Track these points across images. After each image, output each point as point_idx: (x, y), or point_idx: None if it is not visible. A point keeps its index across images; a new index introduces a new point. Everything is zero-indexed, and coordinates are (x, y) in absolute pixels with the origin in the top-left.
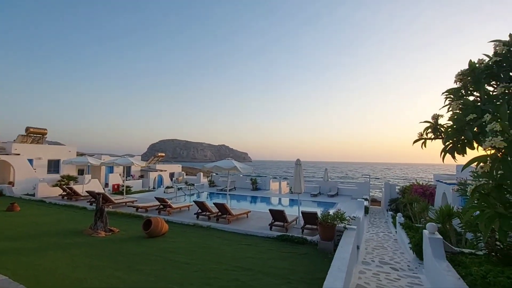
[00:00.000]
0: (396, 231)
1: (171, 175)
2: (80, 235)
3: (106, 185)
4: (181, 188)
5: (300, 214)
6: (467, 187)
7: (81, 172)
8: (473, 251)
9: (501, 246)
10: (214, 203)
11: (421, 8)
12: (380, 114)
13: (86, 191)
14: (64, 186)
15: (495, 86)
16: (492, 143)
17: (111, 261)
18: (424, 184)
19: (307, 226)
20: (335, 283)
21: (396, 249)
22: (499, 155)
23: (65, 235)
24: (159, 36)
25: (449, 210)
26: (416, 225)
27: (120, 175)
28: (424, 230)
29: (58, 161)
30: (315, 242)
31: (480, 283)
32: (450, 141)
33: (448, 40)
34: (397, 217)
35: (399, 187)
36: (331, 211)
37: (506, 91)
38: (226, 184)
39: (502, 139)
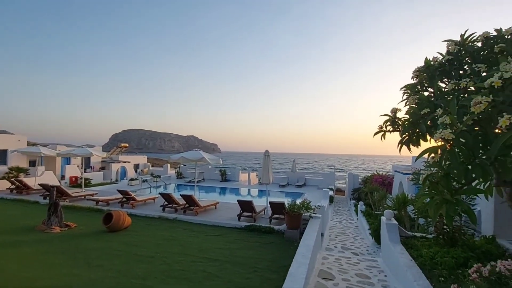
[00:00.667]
0: (357, 219)
1: (136, 166)
2: (32, 232)
3: (63, 177)
4: (146, 180)
5: (268, 204)
6: (420, 177)
7: (33, 163)
8: (424, 234)
9: (447, 229)
10: (181, 195)
11: (385, 7)
12: (344, 108)
13: (38, 184)
14: (12, 179)
15: (447, 83)
16: (442, 135)
17: (67, 258)
18: (383, 174)
19: (275, 216)
20: (299, 269)
21: (357, 235)
22: (447, 146)
23: (14, 232)
24: (121, 18)
25: (405, 198)
26: (375, 212)
27: (78, 166)
28: (382, 217)
29: (5, 151)
30: (282, 231)
31: (429, 263)
32: (406, 133)
33: (410, 40)
34: (358, 205)
35: (361, 177)
36: (298, 201)
37: (456, 87)
38: (194, 175)
39: (451, 131)
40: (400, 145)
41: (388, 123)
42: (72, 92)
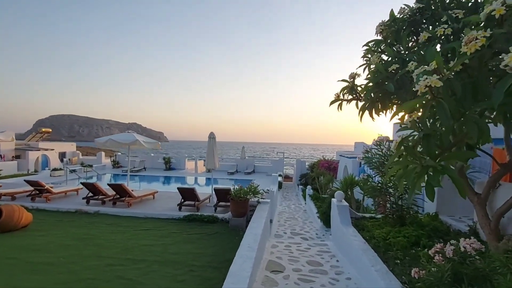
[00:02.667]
0: (305, 203)
1: (62, 155)
2: None
3: None
4: (74, 170)
5: (213, 191)
6: (371, 156)
7: None
8: (373, 215)
9: (394, 207)
10: (109, 184)
11: None
12: (291, 97)
13: None
14: None
15: (416, 38)
16: (427, 82)
17: None
18: (329, 159)
19: (221, 203)
20: (244, 265)
21: (306, 219)
22: (428, 97)
23: None
24: None
25: (352, 179)
26: (323, 196)
27: None
28: (332, 199)
29: None
30: (227, 219)
31: (383, 245)
32: (369, 97)
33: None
34: (306, 190)
35: (308, 163)
36: (244, 187)
37: (430, 36)
38: (133, 164)
39: (438, 77)
40: (361, 112)
41: (346, 90)
42: None
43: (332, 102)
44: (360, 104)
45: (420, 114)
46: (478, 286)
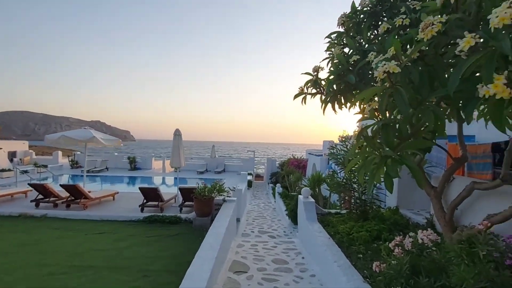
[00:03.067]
0: (275, 201)
1: (12, 154)
2: None
3: None
4: (26, 171)
5: (178, 191)
6: (336, 152)
7: None
8: (338, 210)
9: (358, 203)
10: (62, 185)
11: None
12: (263, 96)
13: None
14: None
15: (376, 30)
16: (385, 68)
17: None
18: (299, 158)
19: (187, 203)
20: (203, 267)
21: (274, 217)
22: (386, 85)
23: None
24: None
25: (319, 176)
26: (292, 193)
27: None
28: (299, 196)
29: None
30: (191, 219)
31: (346, 240)
32: (331, 89)
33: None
34: (276, 188)
35: (279, 162)
36: (209, 185)
37: (389, 28)
38: (94, 164)
39: (396, 63)
40: (324, 105)
41: (310, 84)
42: None
43: (296, 96)
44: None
45: (378, 103)
46: (435, 277)
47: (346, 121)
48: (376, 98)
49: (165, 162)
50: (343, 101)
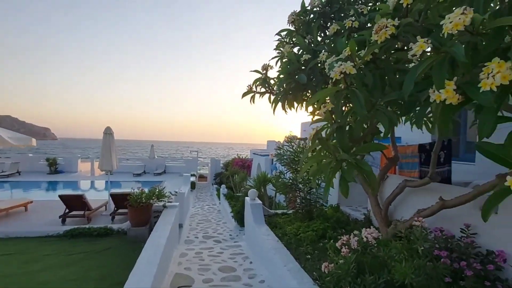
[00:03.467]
0: (220, 202)
1: None
2: None
3: None
4: None
5: (110, 197)
6: (282, 153)
7: None
8: (285, 211)
9: (303, 202)
10: None
11: None
12: (206, 95)
13: None
14: None
15: (326, 32)
16: (342, 69)
17: None
18: (243, 157)
19: (120, 210)
20: (140, 286)
21: (220, 219)
22: (341, 86)
23: None
24: None
25: (265, 177)
26: (237, 194)
27: None
28: (246, 198)
29: None
30: (125, 230)
31: (294, 241)
32: (281, 88)
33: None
34: (220, 189)
35: (223, 162)
36: (147, 190)
37: (338, 29)
38: (2, 167)
39: (352, 64)
40: (274, 104)
41: (259, 82)
42: None
43: (244, 94)
44: (273, 97)
45: (333, 105)
46: (379, 273)
47: (290, 121)
48: (327, 100)
49: (94, 164)
50: (292, 100)
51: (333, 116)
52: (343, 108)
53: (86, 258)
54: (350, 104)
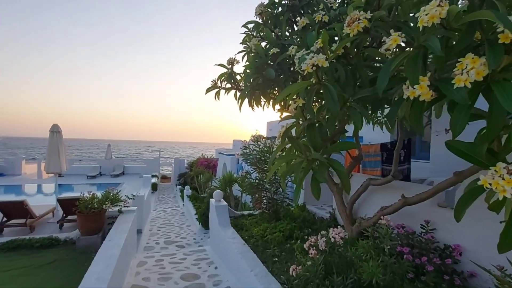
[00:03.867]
0: (183, 204)
1: None
2: None
3: None
4: None
5: (57, 203)
6: (249, 152)
7: None
8: (251, 212)
9: (270, 203)
10: None
11: None
12: (167, 93)
13: None
14: None
15: (295, 26)
16: (314, 61)
17: None
18: (208, 157)
19: (69, 217)
20: None
21: (183, 222)
22: (313, 81)
23: None
24: None
25: (230, 177)
26: (202, 195)
27: None
28: (211, 199)
29: None
30: (74, 240)
31: (261, 243)
32: (248, 83)
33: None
34: (184, 190)
35: (187, 162)
36: (100, 193)
37: (308, 23)
38: None
39: (325, 57)
40: (240, 100)
41: (224, 77)
42: None
43: (208, 90)
44: (239, 94)
45: (304, 101)
46: (346, 274)
47: (256, 121)
48: (297, 97)
49: (41, 166)
50: (260, 95)
51: (304, 113)
52: (314, 105)
53: (26, 274)
54: (321, 101)
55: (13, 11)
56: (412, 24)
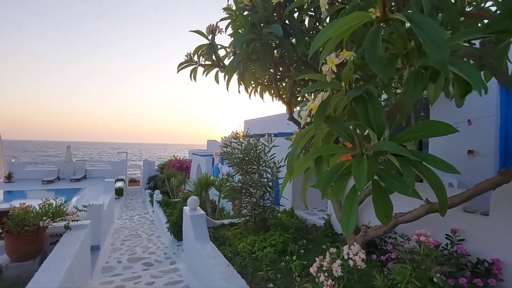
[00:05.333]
0: (153, 211)
1: None
2: None
3: None
4: None
5: None
6: (231, 152)
7: None
8: (233, 220)
9: (256, 210)
10: None
11: None
12: (132, 90)
13: None
14: None
15: None
16: None
17: None
18: (181, 159)
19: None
20: None
21: (152, 233)
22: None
23: None
24: None
25: (207, 179)
26: (174, 199)
27: None
28: (184, 207)
29: None
30: (2, 267)
31: (250, 263)
32: (240, 49)
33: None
34: (154, 195)
35: (158, 164)
36: (54, 201)
37: None
38: None
39: None
40: (228, 77)
41: (203, 50)
42: None
43: (181, 66)
44: (222, 74)
45: (353, 53)
46: None
47: (231, 121)
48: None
49: None
50: (260, 67)
51: (351, 75)
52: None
53: None
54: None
55: None
56: None
